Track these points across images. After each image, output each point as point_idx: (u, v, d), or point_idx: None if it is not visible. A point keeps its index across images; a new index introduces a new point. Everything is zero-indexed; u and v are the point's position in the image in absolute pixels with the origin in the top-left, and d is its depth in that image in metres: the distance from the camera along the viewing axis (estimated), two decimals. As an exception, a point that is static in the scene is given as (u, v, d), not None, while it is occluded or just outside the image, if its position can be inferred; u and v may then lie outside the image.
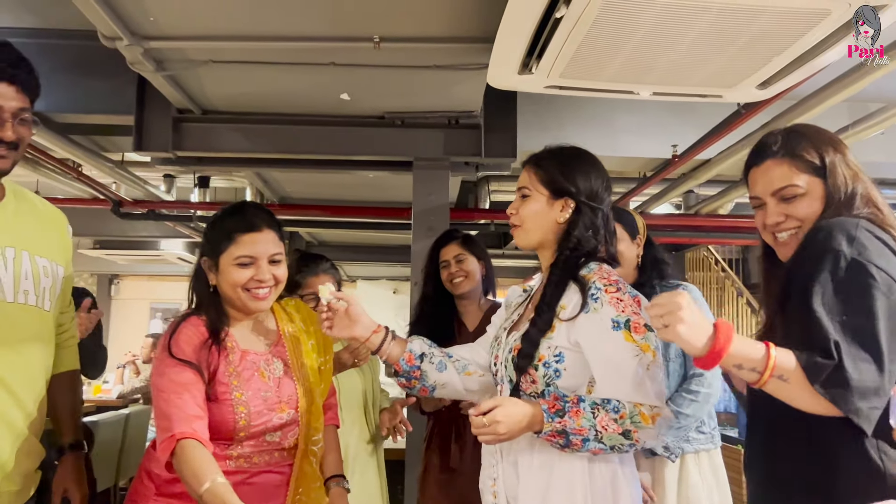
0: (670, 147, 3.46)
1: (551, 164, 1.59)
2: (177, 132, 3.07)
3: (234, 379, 1.55)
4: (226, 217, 1.64)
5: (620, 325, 1.45)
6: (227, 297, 1.60)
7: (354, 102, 2.92)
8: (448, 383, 1.72)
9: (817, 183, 1.30)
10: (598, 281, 1.51)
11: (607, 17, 1.80)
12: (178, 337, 1.54)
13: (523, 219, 1.60)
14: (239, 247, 1.56)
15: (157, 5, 2.15)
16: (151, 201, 4.61)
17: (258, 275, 1.56)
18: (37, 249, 1.62)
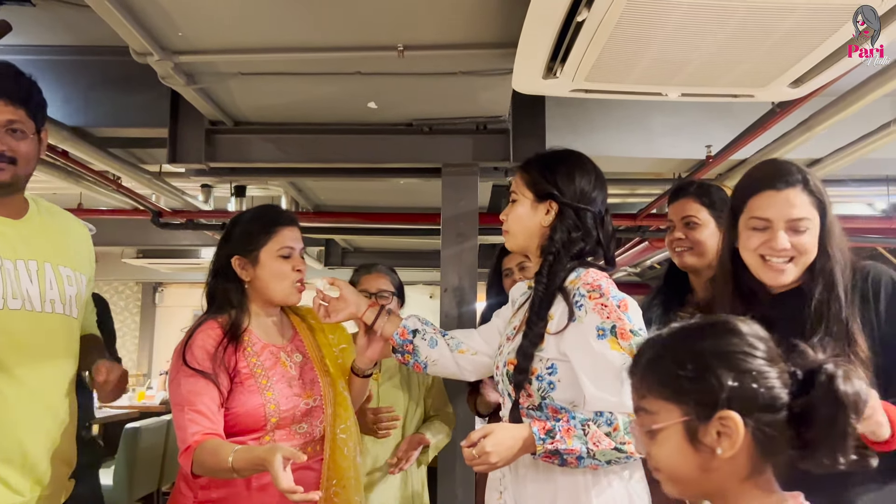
0: (705, 148, 3.39)
1: (536, 168, 1.59)
2: (209, 144, 3.12)
3: (258, 368, 1.62)
4: (258, 214, 1.75)
5: (606, 332, 1.41)
6: (264, 291, 1.68)
7: (382, 110, 2.93)
8: (439, 360, 1.75)
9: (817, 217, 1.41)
10: (582, 287, 1.47)
11: (630, 19, 1.77)
12: (192, 345, 1.59)
13: (510, 224, 1.61)
14: (280, 239, 1.67)
15: (186, 20, 2.19)
16: (190, 211, 4.70)
17: (297, 264, 1.68)
18: (59, 260, 1.68)
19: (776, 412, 0.91)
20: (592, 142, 3.52)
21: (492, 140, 3.10)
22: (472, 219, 3.09)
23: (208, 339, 1.60)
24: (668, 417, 0.94)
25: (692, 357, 0.94)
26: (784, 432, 0.92)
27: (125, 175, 3.80)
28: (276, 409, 1.59)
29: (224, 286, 1.69)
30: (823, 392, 0.90)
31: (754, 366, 0.92)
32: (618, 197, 4.84)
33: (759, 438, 0.91)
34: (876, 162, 3.79)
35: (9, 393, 1.53)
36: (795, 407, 0.92)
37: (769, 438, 0.91)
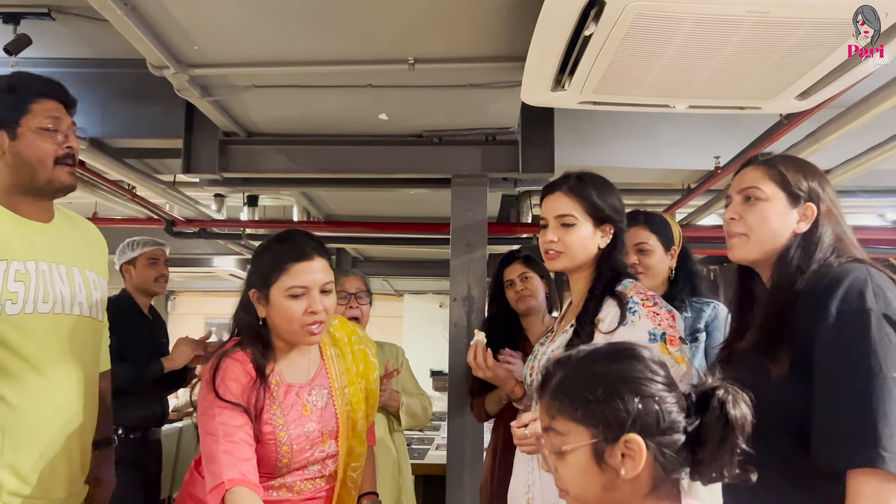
0: (713, 158, 3.41)
1: (591, 191, 1.65)
2: (223, 154, 3.16)
3: (279, 418, 1.52)
4: (274, 246, 1.57)
5: (657, 337, 1.52)
6: (278, 331, 1.54)
7: (392, 122, 2.97)
8: None
9: (780, 196, 1.33)
10: (636, 296, 1.60)
11: (638, 33, 1.79)
12: (225, 376, 1.48)
13: (568, 246, 1.67)
14: (290, 277, 1.49)
15: (201, 35, 2.24)
16: (203, 220, 4.75)
17: (311, 306, 1.50)
18: (86, 264, 1.73)
19: (675, 434, 0.99)
20: (601, 152, 3.55)
21: (501, 151, 3.14)
22: (482, 229, 3.11)
23: (242, 375, 1.50)
24: (577, 439, 1.00)
25: (601, 382, 1.00)
26: (681, 451, 0.99)
27: (140, 185, 3.86)
28: (289, 460, 1.53)
29: (246, 319, 1.57)
30: (716, 416, 0.98)
31: (656, 391, 0.99)
32: (627, 207, 4.84)
33: (659, 459, 0.98)
34: (886, 173, 3.79)
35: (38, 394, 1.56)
36: (690, 428, 0.99)
37: (668, 458, 0.98)
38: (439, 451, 3.71)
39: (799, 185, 1.34)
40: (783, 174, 1.35)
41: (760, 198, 1.35)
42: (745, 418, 0.99)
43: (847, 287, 1.19)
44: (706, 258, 6.69)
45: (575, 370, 1.05)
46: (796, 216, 1.34)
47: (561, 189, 1.69)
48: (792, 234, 1.34)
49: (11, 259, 1.53)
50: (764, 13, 1.67)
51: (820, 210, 1.34)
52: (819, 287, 1.24)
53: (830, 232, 1.33)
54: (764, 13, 1.67)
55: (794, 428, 1.21)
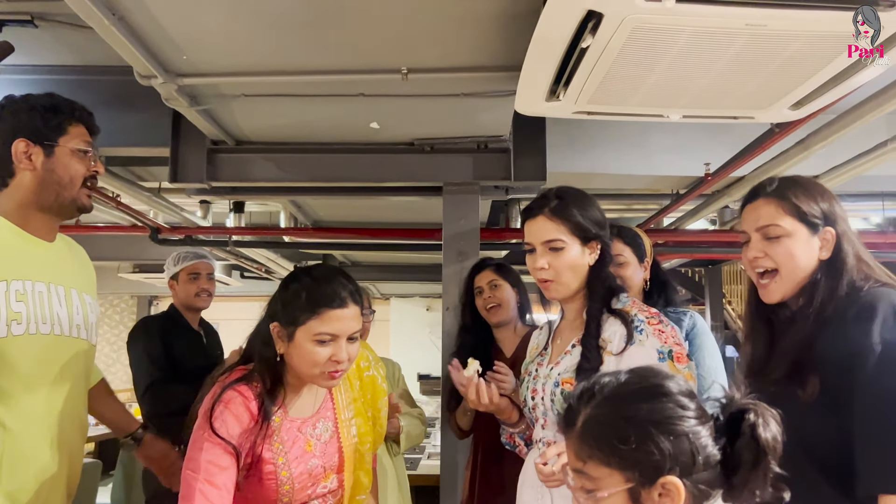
0: (703, 165, 3.42)
1: (573, 211, 1.61)
2: (211, 163, 3.12)
3: (280, 456, 1.46)
4: (309, 284, 1.46)
5: (665, 355, 1.50)
6: (295, 370, 1.47)
7: (384, 131, 2.94)
8: None
9: (801, 228, 1.34)
10: (640, 314, 1.57)
11: (634, 45, 1.78)
12: (226, 412, 1.41)
13: (559, 271, 1.61)
14: (323, 322, 1.41)
15: (190, 44, 2.20)
16: (188, 227, 4.69)
17: (337, 354, 1.43)
18: (83, 287, 1.70)
19: (711, 469, 0.97)
20: (592, 159, 3.55)
21: (493, 159, 3.12)
22: (474, 237, 3.10)
23: (244, 413, 1.42)
24: (612, 484, 0.98)
25: (632, 426, 0.98)
26: (717, 482, 0.98)
27: (124, 192, 3.80)
28: (289, 499, 1.47)
29: (261, 350, 1.48)
30: (746, 440, 0.97)
31: (689, 428, 0.97)
32: (615, 212, 4.87)
33: (695, 494, 0.97)
34: (871, 179, 3.82)
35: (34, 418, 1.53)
36: (721, 451, 0.98)
37: (705, 493, 0.97)
38: (431, 461, 3.70)
39: (813, 211, 1.35)
40: (797, 205, 1.35)
41: (782, 234, 1.36)
42: (776, 439, 0.97)
43: (885, 315, 1.19)
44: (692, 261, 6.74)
45: (603, 411, 1.02)
46: (818, 243, 1.35)
47: (543, 212, 1.63)
48: (817, 262, 1.35)
49: (12, 279, 1.50)
50: (761, 26, 1.67)
51: (838, 232, 1.35)
52: (851, 314, 1.24)
53: (851, 254, 1.34)
54: (761, 26, 1.67)
55: (822, 453, 1.21)
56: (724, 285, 7.64)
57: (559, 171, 3.49)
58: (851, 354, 1.19)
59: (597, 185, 3.81)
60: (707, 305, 7.42)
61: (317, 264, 1.58)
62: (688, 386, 1.04)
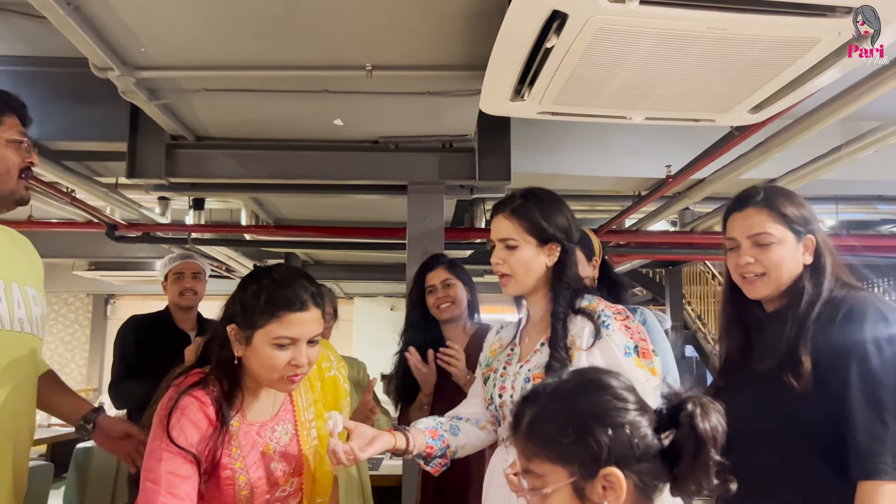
0: (664, 167, 3.47)
1: (532, 212, 1.63)
2: (170, 159, 3.06)
3: (239, 461, 1.42)
4: (272, 287, 1.41)
5: (631, 350, 1.53)
6: (253, 374, 1.42)
7: (348, 128, 2.92)
8: (467, 441, 1.74)
9: (789, 236, 1.45)
10: (606, 310, 1.59)
11: (598, 46, 1.79)
12: (184, 420, 1.36)
13: (514, 269, 1.64)
14: (282, 326, 1.37)
15: (149, 37, 2.15)
16: (146, 224, 4.59)
17: (296, 359, 1.38)
18: (25, 280, 1.64)
19: (652, 459, 0.99)
20: (556, 160, 3.58)
21: (458, 158, 3.12)
22: (438, 236, 3.09)
23: (202, 419, 1.37)
24: (556, 480, 0.99)
25: (571, 419, 1.00)
26: (660, 473, 1.00)
27: (79, 188, 3.70)
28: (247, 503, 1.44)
29: (219, 353, 1.42)
30: (686, 431, 0.99)
31: (628, 419, 0.99)
32: (579, 213, 4.91)
33: (639, 486, 0.98)
34: (825, 182, 3.92)
35: None
36: (665, 444, 1.00)
37: (648, 483, 0.99)
38: (394, 461, 3.67)
39: (798, 220, 1.45)
40: (785, 214, 1.45)
41: (773, 242, 1.45)
42: (717, 430, 0.99)
43: (873, 318, 1.32)
44: (653, 262, 6.85)
45: (544, 409, 1.04)
46: (802, 249, 1.45)
47: (504, 211, 1.66)
48: (801, 266, 1.45)
49: None
50: (722, 30, 1.70)
51: (818, 238, 1.46)
52: (841, 315, 1.35)
53: (830, 259, 1.45)
54: (722, 30, 1.70)
55: (816, 440, 1.32)
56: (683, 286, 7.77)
57: (524, 171, 3.50)
58: (846, 351, 1.31)
59: (561, 185, 3.83)
60: (667, 306, 7.54)
61: (278, 264, 1.53)
62: (628, 381, 1.06)
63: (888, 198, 4.60)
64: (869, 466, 1.24)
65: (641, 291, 8.63)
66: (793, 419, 1.34)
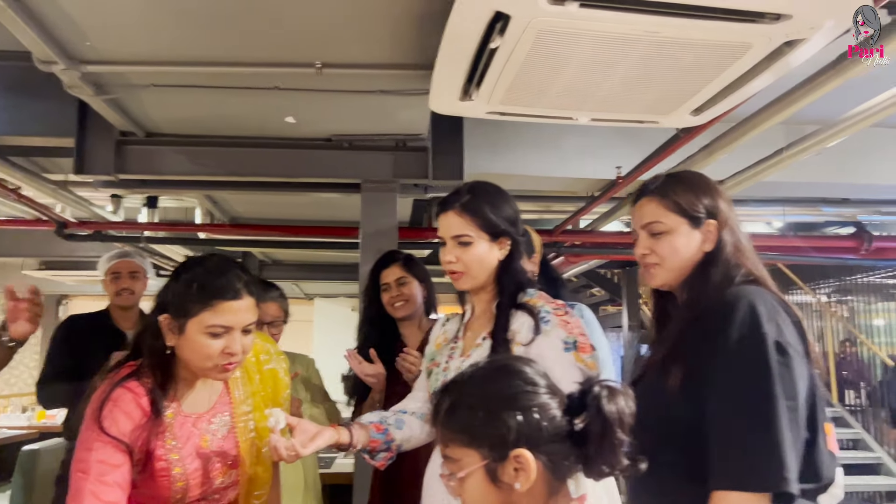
0: (615, 168, 3.53)
1: (484, 207, 1.64)
2: (119, 155, 3.02)
3: (174, 452, 1.42)
4: (201, 274, 1.42)
5: (570, 345, 1.54)
6: (187, 363, 1.43)
7: (300, 125, 2.91)
8: (412, 436, 1.75)
9: (682, 223, 1.40)
10: (546, 305, 1.61)
11: (541, 48, 1.84)
12: (116, 410, 1.36)
13: (468, 265, 1.65)
14: (216, 315, 1.37)
15: (94, 30, 2.12)
16: (98, 222, 4.50)
17: (230, 347, 1.39)
18: None
19: (562, 440, 1.03)
20: (509, 160, 3.61)
21: (411, 157, 3.14)
22: (392, 235, 3.10)
23: (134, 409, 1.37)
24: (469, 463, 1.03)
25: (482, 403, 1.04)
26: (571, 455, 1.04)
27: (26, 184, 3.61)
28: (183, 496, 1.43)
29: (151, 343, 1.42)
30: (593, 413, 1.02)
31: (537, 402, 1.03)
32: (534, 213, 4.96)
33: (550, 466, 1.02)
34: (773, 185, 4.03)
35: None
36: (577, 428, 1.04)
37: (558, 464, 1.03)
38: (347, 459, 3.67)
39: (695, 206, 1.40)
40: (677, 202, 1.41)
41: (665, 231, 1.40)
42: (623, 412, 1.02)
43: (743, 313, 1.23)
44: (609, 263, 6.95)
45: (459, 395, 1.07)
46: (700, 236, 1.40)
47: (454, 207, 1.66)
48: (701, 253, 1.39)
49: None
50: (659, 33, 1.75)
51: (719, 223, 1.40)
52: (714, 310, 1.28)
53: (730, 244, 1.38)
54: (659, 33, 1.75)
55: (682, 441, 1.26)
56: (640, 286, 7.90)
57: (478, 171, 3.53)
58: (709, 350, 1.24)
59: (515, 185, 3.87)
60: (624, 306, 7.66)
61: (210, 254, 1.53)
62: (541, 368, 1.10)
63: (832, 200, 4.75)
64: (721, 475, 1.18)
65: (599, 292, 8.75)
66: (663, 419, 1.27)
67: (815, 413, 1.24)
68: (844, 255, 5.15)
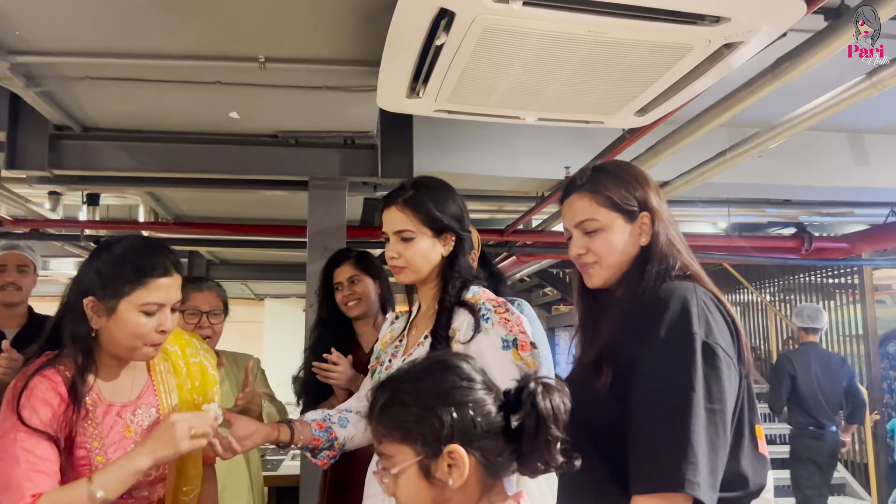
0: (564, 168, 3.55)
1: (426, 203, 1.63)
2: (54, 150, 2.90)
3: (95, 441, 1.38)
4: (133, 255, 1.42)
5: (510, 344, 1.53)
6: (112, 344, 1.41)
7: (244, 121, 2.85)
8: (356, 434, 1.72)
9: (617, 218, 1.34)
10: (487, 302, 1.60)
11: (486, 46, 1.82)
12: (32, 398, 1.33)
13: (410, 261, 1.64)
14: (149, 292, 1.38)
15: (23, 19, 2.03)
16: (35, 220, 4.35)
17: (162, 324, 1.40)
18: None
19: (495, 435, 1.02)
20: (460, 160, 3.61)
21: (360, 155, 3.10)
22: (340, 234, 3.06)
23: (53, 397, 1.34)
24: (403, 459, 1.02)
25: (416, 399, 1.03)
26: (505, 451, 1.03)
27: (-45, 180, 3.47)
28: None
29: (73, 328, 1.40)
30: (528, 409, 1.02)
31: (471, 398, 1.02)
32: (486, 213, 4.97)
33: (484, 463, 1.01)
34: (718, 185, 4.12)
35: None
36: (509, 424, 1.03)
37: (492, 460, 1.02)
38: (294, 462, 3.61)
39: (627, 200, 1.35)
40: (609, 196, 1.34)
41: (599, 228, 1.34)
42: (558, 408, 1.02)
43: (673, 310, 1.18)
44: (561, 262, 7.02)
45: (393, 391, 1.06)
46: (636, 230, 1.34)
47: (396, 203, 1.65)
48: (637, 248, 1.34)
49: None
50: (602, 33, 1.76)
51: (652, 216, 1.34)
52: (644, 307, 1.24)
53: (663, 236, 1.32)
54: (602, 33, 1.76)
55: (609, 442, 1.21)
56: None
57: (428, 170, 3.51)
58: (636, 348, 1.20)
59: (465, 185, 3.87)
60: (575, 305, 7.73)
61: (128, 235, 1.52)
62: (478, 364, 1.09)
63: (774, 201, 4.88)
64: (640, 479, 1.13)
65: (551, 291, 8.83)
66: (590, 419, 1.20)
67: (743, 417, 1.20)
68: (786, 255, 5.30)
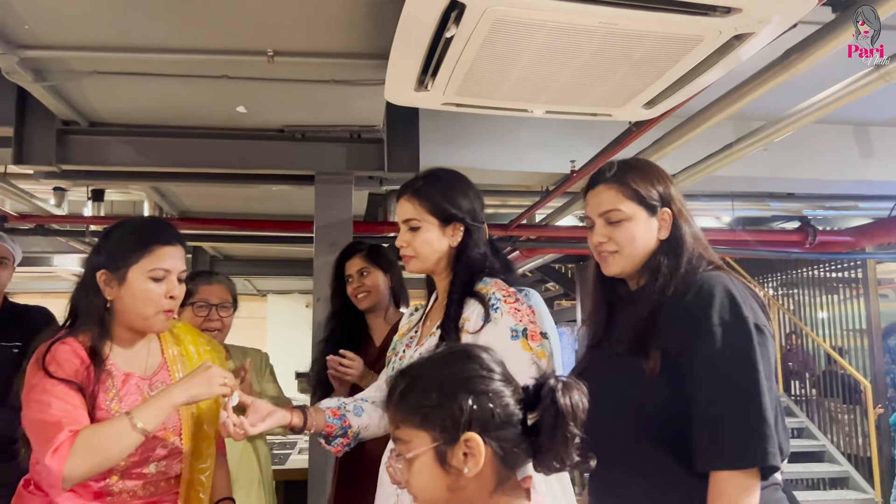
0: (569, 162, 3.55)
1: (434, 193, 1.65)
2: (61, 145, 2.91)
3: (115, 404, 1.46)
4: (135, 226, 1.56)
5: (519, 333, 1.53)
6: (127, 314, 1.51)
7: (252, 115, 2.85)
8: (370, 423, 1.73)
9: (640, 211, 1.41)
10: (497, 292, 1.60)
11: (496, 38, 1.82)
12: (57, 356, 1.42)
13: (417, 250, 1.67)
14: (155, 258, 1.49)
15: (32, 13, 2.03)
16: (40, 216, 4.36)
17: (171, 290, 1.50)
18: None
19: (512, 428, 1.02)
20: (465, 154, 3.61)
21: (366, 149, 3.10)
22: (347, 228, 3.07)
23: (74, 357, 1.44)
24: (419, 444, 1.02)
25: (436, 385, 1.04)
26: (521, 444, 1.03)
27: (-39, 176, 3.48)
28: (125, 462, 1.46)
29: (88, 301, 1.50)
30: (547, 405, 1.02)
31: (491, 388, 1.03)
32: (490, 208, 4.97)
33: (500, 454, 1.01)
34: (722, 179, 4.12)
35: None
36: (527, 419, 1.04)
37: (509, 452, 1.02)
38: (301, 456, 3.62)
39: (651, 194, 1.42)
40: (635, 189, 1.41)
41: (623, 219, 1.41)
42: (578, 406, 1.03)
43: (721, 298, 1.27)
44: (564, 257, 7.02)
45: (413, 378, 1.07)
46: (657, 224, 1.41)
47: (406, 193, 1.69)
48: (657, 241, 1.41)
49: None
50: (613, 24, 1.76)
51: (674, 212, 1.42)
52: (691, 295, 1.30)
53: (689, 233, 1.40)
54: (613, 24, 1.76)
55: (661, 424, 1.29)
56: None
57: (434, 164, 3.50)
58: (692, 334, 1.27)
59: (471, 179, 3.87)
60: (578, 300, 7.75)
61: (134, 216, 1.62)
62: (498, 356, 1.09)
63: (778, 195, 4.88)
64: (718, 457, 1.21)
65: (554, 287, 8.84)
66: (640, 405, 1.30)
67: None
68: (790, 249, 5.30)
